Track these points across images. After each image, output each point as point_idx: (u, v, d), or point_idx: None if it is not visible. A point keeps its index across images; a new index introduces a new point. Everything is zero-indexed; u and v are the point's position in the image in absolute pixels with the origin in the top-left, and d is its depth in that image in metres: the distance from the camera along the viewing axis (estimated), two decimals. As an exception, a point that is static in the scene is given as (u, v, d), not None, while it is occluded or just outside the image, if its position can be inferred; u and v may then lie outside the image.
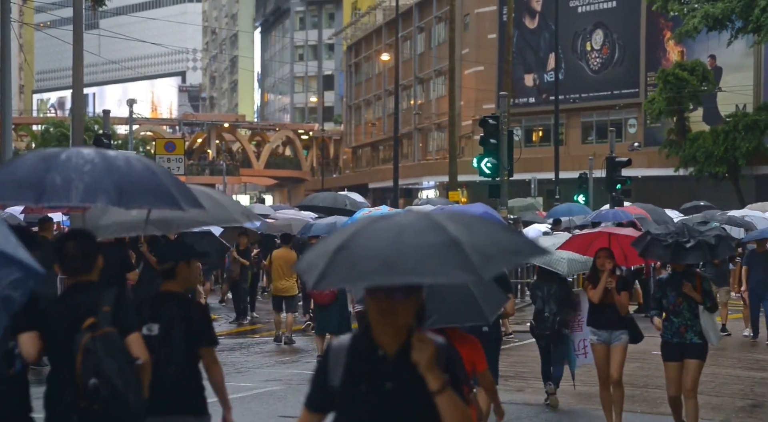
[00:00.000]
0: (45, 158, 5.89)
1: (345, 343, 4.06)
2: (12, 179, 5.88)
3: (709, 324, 10.31)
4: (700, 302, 10.27)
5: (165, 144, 29.94)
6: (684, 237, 10.09)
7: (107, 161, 5.89)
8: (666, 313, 10.47)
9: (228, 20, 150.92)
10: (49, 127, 65.43)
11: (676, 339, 10.41)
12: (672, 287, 10.39)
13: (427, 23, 74.11)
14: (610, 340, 11.03)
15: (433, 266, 3.60)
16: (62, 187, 5.69)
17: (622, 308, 10.93)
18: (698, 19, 40.34)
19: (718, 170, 46.09)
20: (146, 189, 5.92)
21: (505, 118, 23.96)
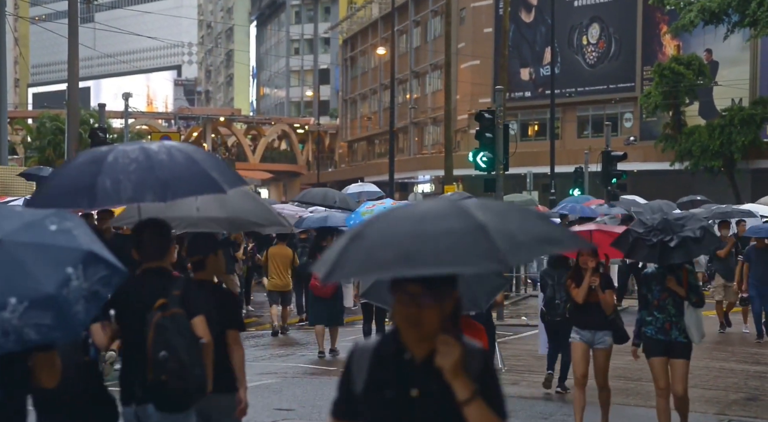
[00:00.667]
0: (94, 161, 6.23)
1: (369, 346, 3.77)
2: (65, 185, 6.29)
3: (693, 321, 9.96)
4: (685, 297, 9.95)
5: (160, 138, 29.92)
6: (668, 235, 9.73)
7: (150, 157, 6.22)
8: (650, 309, 10.12)
9: (223, 14, 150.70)
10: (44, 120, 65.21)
11: (660, 336, 10.05)
12: (657, 281, 10.07)
13: (423, 17, 74.07)
14: (593, 341, 10.70)
15: (457, 255, 3.29)
16: (112, 189, 6.05)
17: (607, 308, 10.59)
18: (694, 13, 40.35)
19: (713, 164, 46.14)
20: (189, 179, 6.22)
21: (501, 112, 23.92)
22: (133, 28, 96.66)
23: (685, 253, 9.83)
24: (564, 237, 3.71)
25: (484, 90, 60.43)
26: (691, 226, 9.84)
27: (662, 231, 9.73)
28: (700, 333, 10.03)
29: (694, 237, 9.71)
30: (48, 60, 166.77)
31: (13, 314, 4.28)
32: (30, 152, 66.94)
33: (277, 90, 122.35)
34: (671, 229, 9.75)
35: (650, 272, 10.23)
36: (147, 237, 6.40)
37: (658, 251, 9.71)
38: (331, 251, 3.55)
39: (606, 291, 10.58)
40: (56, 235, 4.60)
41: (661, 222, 9.89)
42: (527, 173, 43.89)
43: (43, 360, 4.78)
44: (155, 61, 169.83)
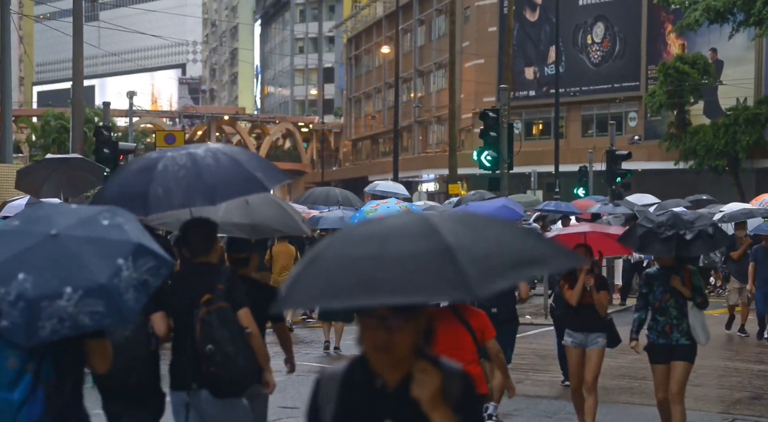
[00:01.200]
0: (145, 170, 6.72)
1: (337, 373, 3.42)
2: (120, 193, 6.74)
3: (698, 322, 9.70)
4: (690, 297, 9.67)
5: (165, 136, 29.85)
6: (681, 229, 9.54)
7: (197, 163, 6.64)
8: (651, 311, 9.87)
9: (228, 12, 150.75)
10: (49, 119, 65.32)
11: (662, 340, 9.79)
12: (659, 282, 9.80)
13: (427, 16, 74.04)
14: (586, 343, 10.43)
15: (420, 283, 2.94)
16: (164, 196, 6.55)
17: (601, 309, 10.33)
18: (699, 12, 40.29)
19: (718, 164, 46.08)
20: (235, 182, 6.65)
21: (505, 111, 23.92)
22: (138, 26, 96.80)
23: (702, 246, 9.73)
24: (549, 256, 3.22)
25: (488, 89, 60.37)
26: (701, 223, 9.69)
27: (673, 226, 9.57)
28: (707, 334, 9.79)
29: (709, 233, 9.58)
30: (52, 58, 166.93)
31: (68, 302, 4.71)
32: (34, 150, 67.07)
33: (282, 89, 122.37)
34: (682, 224, 9.60)
35: (652, 273, 10.00)
36: (194, 235, 6.86)
37: (674, 243, 9.50)
38: (291, 274, 3.27)
39: (600, 292, 10.30)
40: (108, 229, 5.01)
41: (671, 218, 9.73)
42: (531, 172, 43.89)
43: (96, 346, 5.10)
44: (160, 59, 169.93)
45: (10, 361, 4.87)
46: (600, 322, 10.37)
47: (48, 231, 4.90)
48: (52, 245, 4.86)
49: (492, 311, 10.38)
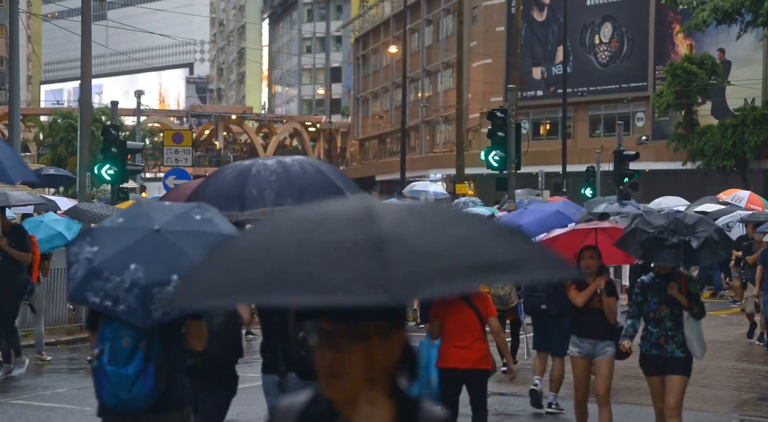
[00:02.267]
0: (241, 173, 7.70)
1: (295, 408, 2.82)
2: (219, 192, 7.71)
3: (695, 333, 9.10)
4: (687, 307, 9.06)
5: (173, 135, 29.92)
6: (686, 235, 8.86)
7: (287, 169, 7.63)
8: (645, 321, 9.30)
9: (236, 12, 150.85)
10: (57, 118, 65.39)
11: (655, 351, 9.22)
12: (655, 291, 9.18)
13: (435, 15, 74.02)
14: (593, 352, 9.82)
15: (334, 279, 2.33)
16: (258, 196, 7.45)
17: (610, 315, 9.71)
18: (707, 12, 40.25)
19: (726, 164, 46.01)
20: (319, 187, 7.52)
21: (512, 111, 23.92)
22: (146, 25, 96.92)
23: (710, 254, 9.03)
24: (523, 263, 2.50)
25: (496, 89, 60.34)
26: (704, 228, 9.01)
27: (676, 232, 8.88)
28: (703, 346, 9.21)
29: (714, 239, 8.92)
30: (60, 57, 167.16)
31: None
32: (42, 149, 67.15)
33: (289, 88, 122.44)
34: (686, 230, 8.91)
35: (647, 281, 9.31)
36: None
37: (682, 252, 8.79)
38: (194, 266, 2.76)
39: (610, 298, 9.71)
40: (201, 223, 5.85)
41: (673, 222, 9.03)
42: (539, 172, 43.86)
43: (194, 327, 5.93)
44: (167, 58, 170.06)
45: (124, 340, 5.63)
46: (609, 329, 9.77)
47: (151, 227, 5.74)
48: (156, 239, 5.69)
49: (542, 308, 12.17)
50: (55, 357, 16.71)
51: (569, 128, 54.11)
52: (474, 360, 8.88)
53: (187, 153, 28.73)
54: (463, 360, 8.84)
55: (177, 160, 28.20)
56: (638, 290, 9.38)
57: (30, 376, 14.36)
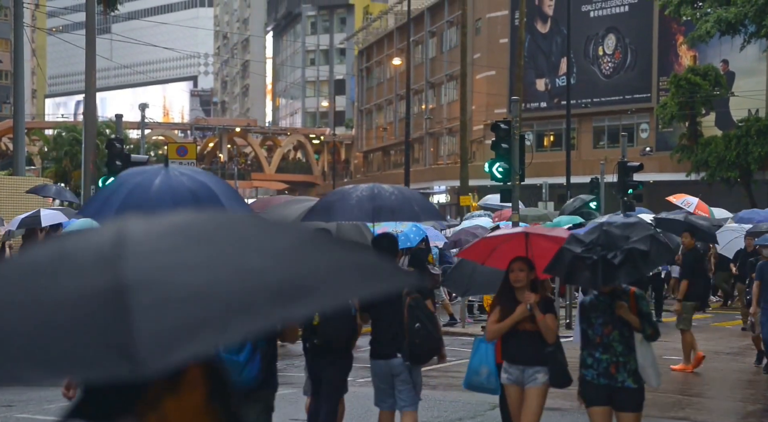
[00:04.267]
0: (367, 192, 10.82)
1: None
2: (348, 206, 10.55)
3: (648, 359, 7.93)
4: (638, 328, 7.90)
5: (177, 148, 29.91)
6: (611, 251, 7.64)
7: (403, 192, 11.03)
8: (590, 347, 8.05)
9: (240, 25, 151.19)
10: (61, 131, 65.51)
11: (603, 380, 7.97)
12: (598, 312, 8.02)
13: (438, 28, 74.14)
14: (522, 380, 8.45)
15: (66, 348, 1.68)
16: (386, 211, 10.54)
17: (548, 335, 8.31)
18: (711, 23, 40.29)
19: (730, 175, 45.98)
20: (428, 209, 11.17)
21: (516, 122, 23.91)
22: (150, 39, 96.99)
23: (632, 270, 7.72)
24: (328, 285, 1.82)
25: (499, 100, 60.40)
26: (637, 236, 7.76)
27: (604, 247, 7.67)
28: (658, 373, 8.03)
29: (640, 250, 7.62)
30: (65, 71, 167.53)
31: None
32: (47, 162, 67.24)
33: (293, 100, 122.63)
34: (614, 243, 7.69)
35: (588, 302, 8.15)
36: (385, 244, 9.22)
37: (600, 271, 7.60)
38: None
39: (546, 315, 8.35)
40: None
41: (602, 235, 7.79)
42: (543, 183, 43.82)
43: (290, 327, 7.18)
44: (171, 71, 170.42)
45: None
46: (540, 353, 8.35)
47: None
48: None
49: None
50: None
51: (573, 139, 54.11)
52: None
53: (191, 166, 28.74)
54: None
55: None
56: (579, 316, 8.21)
57: (35, 390, 14.36)
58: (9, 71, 70.74)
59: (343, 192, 11.15)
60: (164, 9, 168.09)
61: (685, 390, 14.58)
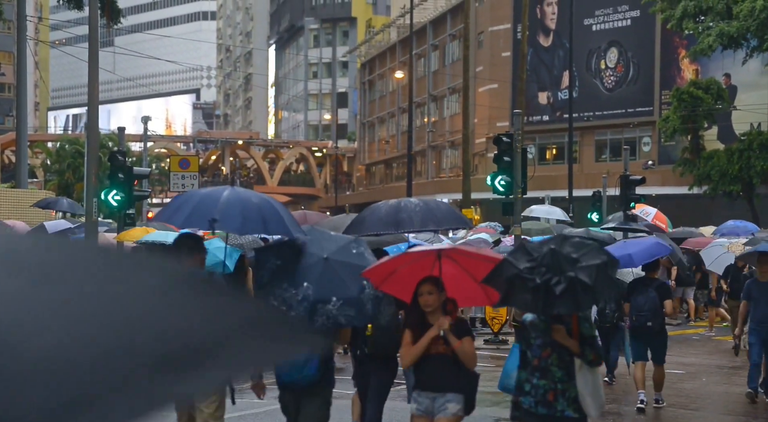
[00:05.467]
0: (394, 207, 11.84)
1: None
2: (378, 218, 11.75)
3: (589, 387, 7.20)
4: (578, 353, 7.22)
5: (179, 161, 30.01)
6: (555, 275, 6.86)
7: (428, 204, 12.00)
8: (527, 371, 7.42)
9: (242, 38, 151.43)
10: (64, 144, 65.59)
11: (542, 409, 7.28)
12: (538, 332, 7.38)
13: (441, 41, 74.24)
14: (432, 409, 7.68)
15: None
16: (408, 221, 11.54)
17: (467, 360, 7.57)
18: (713, 37, 40.30)
19: (732, 189, 45.93)
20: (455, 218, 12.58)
21: (519, 136, 23.91)
22: (153, 52, 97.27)
23: (571, 303, 6.94)
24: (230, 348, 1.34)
25: (502, 114, 60.44)
26: (585, 262, 6.91)
27: (549, 269, 6.89)
28: (599, 403, 7.26)
29: (583, 283, 6.81)
30: (68, 84, 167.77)
31: (333, 307, 7.49)
32: (49, 175, 67.27)
33: (296, 113, 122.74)
34: (560, 266, 6.88)
35: (529, 320, 7.49)
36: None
37: (541, 299, 6.89)
38: None
39: (463, 339, 7.60)
40: (357, 257, 7.79)
41: (549, 255, 6.96)
42: (545, 196, 43.80)
43: (344, 331, 8.15)
44: (174, 84, 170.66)
45: None
46: (454, 380, 7.63)
47: (321, 255, 7.69)
48: (324, 266, 7.62)
49: (648, 325, 13.32)
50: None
51: (575, 152, 54.10)
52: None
53: (193, 179, 28.80)
54: None
55: (184, 185, 28.24)
56: (518, 337, 7.65)
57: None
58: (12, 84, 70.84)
59: (376, 206, 12.51)
60: (167, 22, 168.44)
61: (687, 404, 14.54)
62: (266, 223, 8.60)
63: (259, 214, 8.56)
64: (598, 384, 7.28)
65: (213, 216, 8.32)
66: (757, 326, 13.85)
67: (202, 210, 8.49)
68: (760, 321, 13.80)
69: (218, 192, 8.85)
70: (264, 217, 8.57)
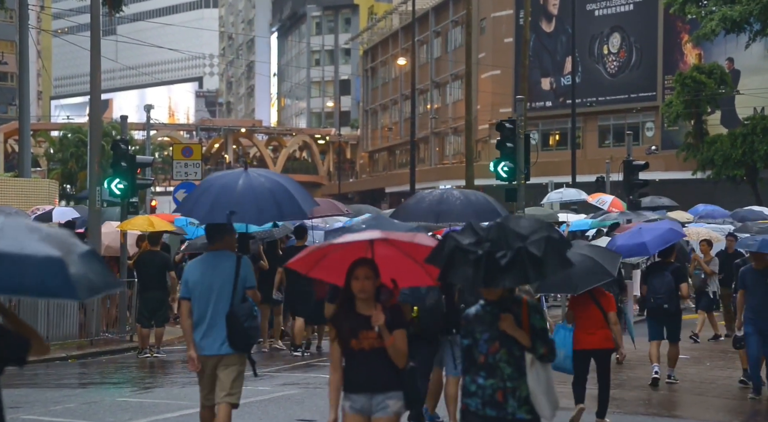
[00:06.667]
0: (436, 198, 13.04)
1: None
2: (419, 208, 12.91)
3: (542, 385, 6.48)
4: (528, 346, 6.45)
5: (182, 149, 29.99)
6: (501, 249, 6.21)
7: (467, 196, 13.14)
8: (472, 370, 6.55)
9: (244, 25, 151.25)
10: (67, 133, 65.62)
11: (490, 411, 6.43)
12: (484, 325, 6.52)
13: (443, 27, 74.13)
14: (370, 409, 6.82)
15: None
16: (447, 212, 12.48)
17: (398, 357, 6.78)
18: (716, 21, 40.22)
19: (736, 173, 45.90)
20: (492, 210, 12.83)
21: (521, 122, 23.90)
22: (155, 40, 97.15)
23: (519, 276, 6.29)
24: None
25: (504, 100, 60.38)
26: (535, 236, 6.32)
27: (494, 243, 6.27)
28: (553, 403, 6.51)
29: (532, 254, 6.22)
30: (70, 73, 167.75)
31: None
32: (53, 164, 67.34)
33: (298, 101, 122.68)
34: (506, 240, 6.27)
35: (473, 313, 6.63)
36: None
37: (483, 270, 6.21)
38: None
39: (395, 332, 6.76)
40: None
41: (495, 229, 6.38)
42: (548, 182, 43.78)
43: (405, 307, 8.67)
44: (176, 73, 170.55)
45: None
46: (393, 377, 6.84)
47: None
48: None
49: (664, 307, 14.06)
50: (66, 372, 16.73)
51: (578, 138, 54.06)
52: (599, 342, 11.26)
53: (196, 167, 28.80)
54: (591, 343, 11.22)
55: (187, 173, 28.24)
56: (463, 331, 6.71)
57: (41, 391, 14.40)
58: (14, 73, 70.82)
59: (421, 196, 13.45)
60: (169, 10, 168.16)
61: (691, 389, 14.58)
62: (280, 207, 9.23)
63: (272, 200, 9.18)
64: (551, 380, 6.56)
65: (231, 209, 8.87)
66: (753, 315, 13.21)
67: (221, 203, 9.03)
68: (756, 310, 13.16)
69: (234, 181, 9.27)
70: (277, 202, 9.20)
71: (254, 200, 9.12)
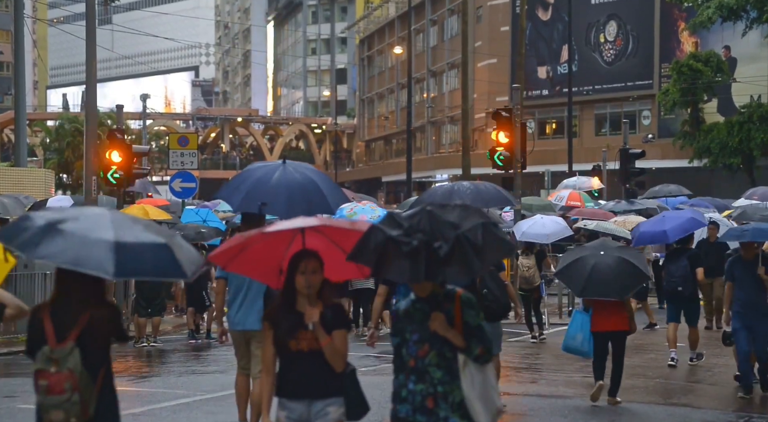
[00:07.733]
0: (449, 190, 13.59)
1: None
2: (434, 201, 11.88)
3: (477, 389, 5.90)
4: (462, 347, 5.86)
5: (178, 139, 29.92)
6: (435, 239, 5.62)
7: (477, 187, 13.63)
8: (402, 373, 5.96)
9: (240, 14, 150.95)
10: (63, 122, 65.46)
11: (420, 417, 5.88)
12: (414, 325, 5.94)
13: (439, 16, 74.04)
14: (308, 418, 6.14)
15: None
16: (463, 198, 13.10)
17: (335, 360, 6.12)
18: (713, 9, 40.16)
19: (732, 162, 45.89)
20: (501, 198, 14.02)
21: (518, 110, 23.90)
22: (151, 29, 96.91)
23: (462, 268, 5.69)
24: None
25: (501, 88, 60.33)
26: (469, 224, 5.73)
27: (426, 234, 5.65)
28: (491, 409, 5.93)
29: (472, 242, 5.65)
30: (66, 62, 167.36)
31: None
32: (49, 153, 67.20)
33: (294, 90, 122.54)
34: (440, 230, 5.66)
35: (402, 309, 6.04)
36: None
37: (422, 262, 5.58)
38: None
39: (334, 333, 6.13)
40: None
41: (425, 218, 5.74)
42: (545, 171, 43.79)
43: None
44: (172, 62, 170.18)
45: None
46: (332, 382, 6.16)
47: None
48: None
49: (678, 290, 14.66)
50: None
51: (575, 126, 54.04)
52: (616, 324, 11.90)
53: (192, 156, 28.75)
54: (608, 325, 11.89)
55: (183, 163, 28.21)
56: (393, 328, 6.10)
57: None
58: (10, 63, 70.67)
59: (433, 190, 14.13)
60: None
61: (689, 377, 14.60)
62: (310, 204, 9.95)
63: (303, 196, 10.01)
64: (490, 384, 5.93)
65: (263, 201, 9.74)
66: (741, 309, 12.49)
67: (255, 194, 9.94)
68: (744, 304, 12.47)
69: (270, 174, 10.20)
70: (309, 199, 10.01)
71: (286, 194, 10.01)
